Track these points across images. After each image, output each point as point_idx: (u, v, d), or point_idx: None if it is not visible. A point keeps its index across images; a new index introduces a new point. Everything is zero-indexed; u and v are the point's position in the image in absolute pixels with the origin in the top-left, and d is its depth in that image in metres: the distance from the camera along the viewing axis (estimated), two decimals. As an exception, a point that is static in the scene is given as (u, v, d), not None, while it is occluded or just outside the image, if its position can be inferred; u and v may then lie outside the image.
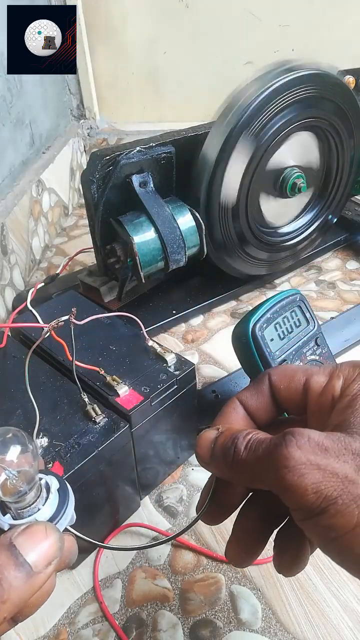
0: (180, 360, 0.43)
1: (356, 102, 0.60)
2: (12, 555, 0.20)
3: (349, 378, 0.24)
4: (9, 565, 0.20)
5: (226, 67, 0.95)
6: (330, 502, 0.19)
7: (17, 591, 0.20)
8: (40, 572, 0.20)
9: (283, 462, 0.20)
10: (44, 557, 0.21)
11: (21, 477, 0.22)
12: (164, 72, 1.00)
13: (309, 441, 0.20)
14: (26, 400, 0.37)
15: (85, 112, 1.05)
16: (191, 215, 0.56)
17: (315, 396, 0.25)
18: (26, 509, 0.23)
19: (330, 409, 0.24)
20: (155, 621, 0.37)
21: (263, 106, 0.52)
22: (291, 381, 0.26)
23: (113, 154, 0.53)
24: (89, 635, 0.37)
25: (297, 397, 0.26)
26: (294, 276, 0.75)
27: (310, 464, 0.20)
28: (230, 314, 0.68)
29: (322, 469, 0.19)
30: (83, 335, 0.45)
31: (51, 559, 0.21)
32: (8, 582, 0.19)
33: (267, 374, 0.27)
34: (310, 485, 0.19)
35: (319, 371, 0.25)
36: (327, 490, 0.19)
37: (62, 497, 0.24)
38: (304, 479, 0.19)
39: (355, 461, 0.20)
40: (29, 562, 0.20)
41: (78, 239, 0.89)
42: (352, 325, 0.61)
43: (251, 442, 0.22)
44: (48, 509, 0.23)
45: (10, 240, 0.70)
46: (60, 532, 0.22)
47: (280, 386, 0.26)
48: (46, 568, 0.21)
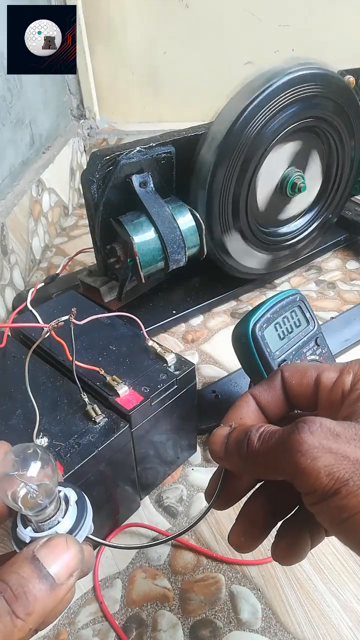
0: (180, 360, 0.43)
1: (356, 101, 0.60)
2: (35, 568, 0.21)
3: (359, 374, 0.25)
4: (33, 579, 0.20)
5: (226, 67, 0.95)
6: (342, 484, 0.20)
7: (42, 603, 0.20)
8: (62, 583, 0.21)
9: (296, 446, 0.21)
10: (66, 569, 0.21)
11: (41, 491, 0.22)
12: (164, 72, 1.00)
13: (320, 427, 0.21)
14: (26, 400, 0.37)
15: (85, 112, 1.05)
16: (191, 215, 0.56)
17: (326, 391, 0.25)
18: (46, 522, 0.23)
19: (340, 403, 0.25)
20: (155, 621, 0.37)
21: (264, 104, 0.52)
22: (303, 377, 0.26)
23: (113, 154, 0.53)
24: (89, 635, 0.37)
25: (309, 393, 0.26)
26: (294, 276, 0.74)
27: (322, 448, 0.20)
28: (230, 314, 0.68)
29: (334, 452, 0.20)
30: (83, 335, 0.45)
31: (73, 571, 0.21)
32: (33, 595, 0.20)
33: (279, 370, 0.28)
34: (323, 468, 0.20)
35: (330, 367, 0.26)
36: (339, 472, 0.20)
37: (80, 509, 0.25)
38: (317, 462, 0.20)
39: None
40: (52, 575, 0.21)
41: (78, 239, 0.89)
42: (352, 325, 0.61)
43: (264, 434, 0.23)
44: (68, 522, 0.24)
45: (10, 240, 0.70)
46: (80, 544, 0.22)
47: (292, 381, 0.27)
48: (68, 579, 0.21)
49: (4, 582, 0.20)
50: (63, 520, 0.24)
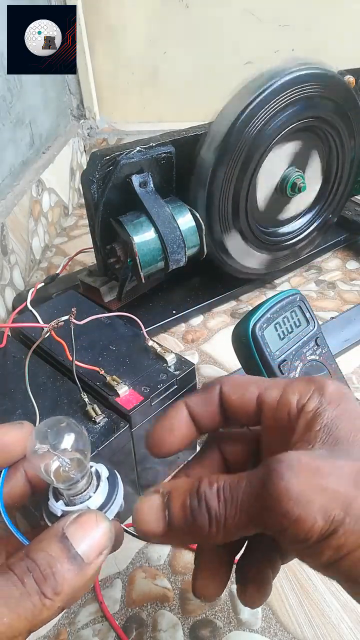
0: (180, 360, 0.43)
1: (356, 101, 0.60)
2: (64, 547, 0.20)
3: (304, 394, 0.23)
4: (62, 558, 0.20)
5: (226, 67, 0.95)
6: (339, 523, 0.18)
7: (70, 583, 0.20)
8: (91, 562, 0.20)
9: (284, 494, 0.18)
10: (95, 548, 0.21)
11: (74, 465, 0.22)
12: (164, 72, 1.00)
13: (301, 464, 0.19)
14: (26, 400, 0.37)
15: (85, 112, 1.05)
16: (191, 215, 0.56)
17: (270, 410, 0.24)
18: (78, 496, 0.23)
19: (287, 424, 0.23)
20: (155, 621, 0.37)
21: (264, 104, 0.52)
22: (244, 392, 0.25)
23: (113, 154, 0.53)
24: (89, 635, 0.37)
25: (250, 410, 0.25)
26: (294, 276, 0.74)
27: (314, 488, 0.18)
28: (230, 314, 0.68)
29: (326, 490, 0.19)
30: (83, 335, 0.45)
31: (102, 549, 0.21)
32: (61, 575, 0.20)
33: (218, 383, 0.26)
34: (318, 512, 0.18)
35: (273, 384, 0.25)
36: (335, 511, 0.18)
37: (111, 486, 0.24)
38: (311, 506, 0.18)
39: (350, 477, 0.19)
40: (80, 554, 0.20)
41: (78, 239, 0.89)
42: (352, 325, 0.61)
43: (222, 491, 0.20)
44: (99, 497, 0.24)
45: (10, 240, 0.70)
46: (110, 521, 0.22)
47: (232, 397, 0.25)
48: (97, 558, 0.21)
49: (33, 560, 0.20)
50: (94, 495, 0.23)
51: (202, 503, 0.20)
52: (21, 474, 0.25)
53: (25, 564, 0.20)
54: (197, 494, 0.20)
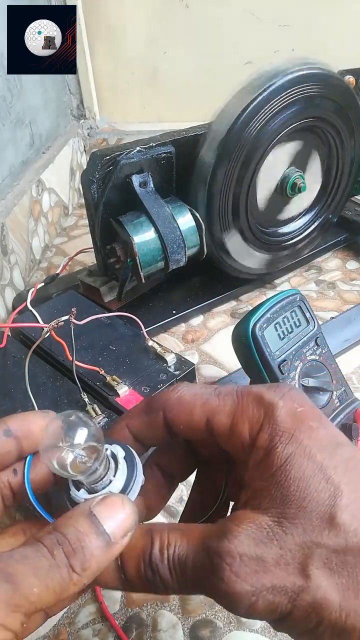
0: (180, 360, 0.43)
1: (356, 101, 0.60)
2: (92, 524, 0.20)
3: (255, 422, 0.22)
4: (91, 534, 0.20)
5: (226, 67, 0.95)
6: (285, 615, 0.19)
7: (97, 560, 0.20)
8: (116, 542, 0.20)
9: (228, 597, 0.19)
10: (122, 528, 0.20)
11: (89, 455, 0.22)
12: (164, 72, 1.00)
13: (242, 562, 0.19)
14: (26, 400, 0.37)
15: (85, 112, 1.05)
16: (191, 215, 0.56)
17: (222, 439, 0.23)
18: (99, 483, 0.23)
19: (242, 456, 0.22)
20: (155, 621, 0.37)
21: (264, 104, 0.52)
22: (191, 420, 0.23)
23: (113, 154, 0.53)
24: (89, 635, 0.37)
25: (201, 435, 0.24)
26: (294, 276, 0.74)
27: (256, 590, 0.19)
28: (230, 314, 0.68)
29: (270, 588, 0.19)
30: (83, 335, 0.45)
31: (127, 531, 0.21)
32: (90, 550, 0.19)
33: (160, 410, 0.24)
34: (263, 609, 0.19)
35: (220, 408, 0.23)
36: (281, 606, 0.19)
37: (130, 465, 0.24)
38: (256, 606, 0.19)
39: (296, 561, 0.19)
40: (108, 533, 0.20)
41: (78, 239, 0.89)
42: (352, 325, 0.61)
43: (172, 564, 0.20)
44: (120, 480, 0.23)
45: (10, 240, 0.70)
46: (134, 505, 0.22)
47: (179, 426, 0.24)
48: (122, 539, 0.20)
49: (63, 534, 0.19)
50: (115, 479, 0.23)
51: (155, 573, 0.20)
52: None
53: (55, 537, 0.19)
54: (150, 564, 0.21)
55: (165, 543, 0.21)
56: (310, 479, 0.20)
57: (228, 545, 0.19)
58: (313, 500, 0.19)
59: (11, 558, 0.18)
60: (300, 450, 0.20)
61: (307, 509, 0.19)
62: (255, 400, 0.22)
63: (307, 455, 0.20)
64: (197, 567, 0.20)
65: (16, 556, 0.18)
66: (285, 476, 0.20)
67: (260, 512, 0.20)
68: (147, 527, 0.22)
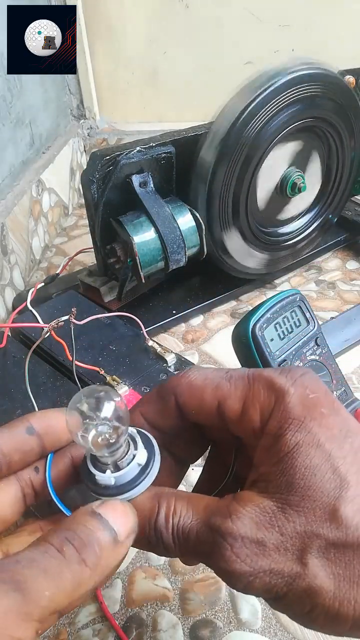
0: (180, 360, 0.43)
1: (356, 101, 0.60)
2: (99, 521, 0.20)
3: (266, 407, 0.22)
4: (99, 530, 0.20)
5: (226, 67, 0.95)
6: (281, 596, 0.19)
7: (107, 555, 0.19)
8: (123, 541, 0.20)
9: (227, 574, 0.20)
10: (126, 528, 0.20)
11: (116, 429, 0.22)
12: (164, 72, 1.00)
13: (244, 543, 0.19)
14: (26, 400, 0.37)
15: (85, 112, 1.05)
16: (191, 215, 0.56)
17: (233, 424, 0.23)
18: (124, 459, 0.23)
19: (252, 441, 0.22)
20: (155, 621, 0.37)
21: (264, 104, 0.52)
22: (202, 405, 0.23)
23: (113, 154, 0.53)
24: (89, 635, 0.37)
25: (213, 419, 0.24)
26: (294, 276, 0.74)
27: (254, 571, 0.19)
28: (230, 314, 0.68)
29: (268, 571, 0.19)
30: (83, 335, 0.45)
31: (130, 532, 0.21)
32: (100, 545, 0.19)
33: (172, 394, 0.24)
34: (260, 588, 0.19)
35: (231, 393, 0.23)
36: (276, 587, 0.19)
37: (147, 443, 0.24)
38: (253, 584, 0.19)
39: (295, 548, 0.19)
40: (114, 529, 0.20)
41: (78, 239, 0.89)
42: (352, 325, 0.61)
43: (177, 534, 0.21)
44: (143, 452, 0.23)
45: (10, 240, 0.70)
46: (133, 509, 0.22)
47: (190, 409, 0.24)
48: (127, 539, 0.20)
49: (72, 531, 0.19)
50: (137, 452, 0.23)
51: (158, 537, 0.21)
52: (68, 459, 0.25)
53: (63, 535, 0.19)
54: (155, 530, 0.21)
55: (171, 510, 0.21)
56: (316, 468, 0.20)
57: (231, 526, 0.20)
58: (318, 490, 0.19)
59: (18, 564, 0.18)
60: (309, 438, 0.20)
61: (311, 498, 0.19)
62: (267, 385, 0.22)
63: (316, 443, 0.20)
64: (200, 541, 0.20)
65: (23, 561, 0.18)
66: (291, 463, 0.20)
67: (266, 496, 0.20)
68: (155, 490, 0.22)
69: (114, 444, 0.22)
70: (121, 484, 0.22)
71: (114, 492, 0.22)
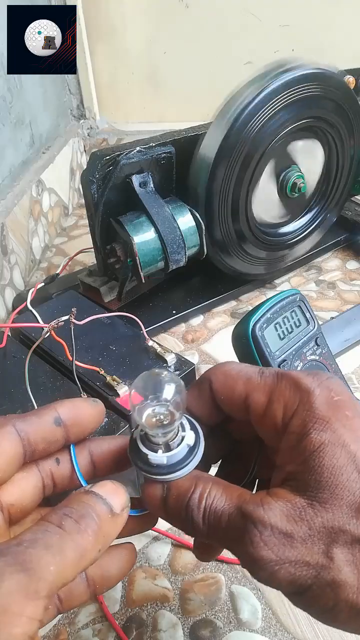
0: (180, 360, 0.43)
1: (356, 101, 0.60)
2: (94, 496, 0.21)
3: (290, 405, 0.22)
4: (96, 504, 0.21)
5: (226, 67, 0.95)
6: (305, 589, 0.20)
7: (105, 524, 0.20)
8: (119, 513, 0.21)
9: (252, 560, 0.20)
10: (120, 502, 0.22)
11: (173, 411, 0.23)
12: (164, 72, 1.00)
13: (273, 533, 0.20)
14: (26, 400, 0.37)
15: (85, 112, 1.05)
16: (191, 215, 0.56)
17: (257, 417, 0.24)
18: (175, 440, 0.24)
19: (274, 436, 0.23)
20: (155, 621, 0.37)
21: (263, 104, 0.52)
22: (232, 392, 0.24)
23: (113, 154, 0.53)
24: (89, 635, 0.37)
25: (240, 410, 0.24)
26: (294, 276, 0.74)
27: (280, 560, 0.20)
28: (230, 314, 0.68)
29: (294, 562, 0.20)
30: (83, 335, 0.45)
31: (124, 506, 0.22)
32: (98, 514, 0.20)
33: (208, 381, 0.25)
34: (283, 579, 0.20)
35: (259, 386, 0.24)
36: (301, 579, 0.20)
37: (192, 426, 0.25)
38: (277, 574, 0.20)
39: (322, 542, 0.20)
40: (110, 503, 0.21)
41: (78, 239, 0.89)
42: (352, 325, 0.61)
43: (208, 515, 0.22)
44: (191, 433, 0.24)
45: (10, 240, 0.70)
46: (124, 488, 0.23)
47: (221, 396, 0.25)
48: (122, 512, 0.22)
49: (69, 507, 0.20)
50: (186, 433, 0.24)
51: (188, 514, 0.22)
52: (87, 453, 0.26)
53: (62, 512, 0.20)
54: (187, 507, 0.22)
55: (206, 492, 0.22)
56: (343, 468, 0.20)
57: (263, 514, 0.20)
58: (345, 489, 0.20)
59: (20, 545, 0.18)
60: (335, 439, 0.21)
61: (339, 496, 0.20)
62: (293, 384, 0.23)
63: (341, 444, 0.21)
64: (230, 525, 0.21)
65: (25, 542, 0.19)
66: (318, 463, 0.21)
67: (296, 493, 0.21)
68: (195, 473, 0.23)
69: (168, 424, 0.23)
70: (172, 464, 0.23)
71: (164, 471, 0.23)
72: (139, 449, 0.24)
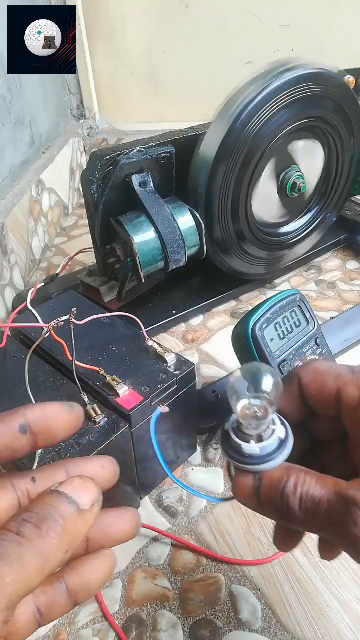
0: (180, 360, 0.43)
1: (356, 101, 0.60)
2: (59, 496, 0.21)
3: None
4: (60, 504, 0.20)
5: (226, 67, 0.95)
6: None
7: (71, 522, 0.20)
8: (88, 509, 0.21)
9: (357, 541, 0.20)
10: (89, 497, 0.21)
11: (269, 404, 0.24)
12: (164, 72, 1.00)
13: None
14: (26, 400, 0.37)
15: (85, 112, 1.05)
16: (191, 215, 0.56)
17: (349, 411, 0.24)
18: (267, 432, 0.24)
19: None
20: (155, 621, 0.37)
21: (264, 104, 0.52)
22: (323, 387, 0.25)
23: (113, 154, 0.53)
24: (89, 635, 0.37)
25: (330, 405, 0.25)
26: (294, 276, 0.75)
27: None
28: (230, 314, 0.68)
29: None
30: (83, 335, 0.44)
31: (94, 500, 0.21)
32: (61, 515, 0.20)
33: (297, 376, 0.26)
34: None
35: (351, 381, 0.25)
36: None
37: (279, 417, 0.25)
38: None
39: None
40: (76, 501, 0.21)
41: (78, 239, 0.89)
42: (352, 325, 0.61)
43: (305, 501, 0.22)
44: (281, 427, 0.25)
45: (10, 240, 0.70)
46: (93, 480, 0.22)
47: (311, 391, 0.26)
48: (92, 507, 0.21)
49: (29, 512, 0.20)
50: (276, 427, 0.25)
51: (284, 504, 0.22)
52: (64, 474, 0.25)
53: (21, 518, 0.19)
54: (283, 495, 0.22)
55: (300, 480, 0.22)
56: None
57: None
58: None
59: None
60: None
61: None
62: None
63: None
64: (332, 510, 0.21)
65: None
66: None
67: None
68: (285, 465, 0.24)
69: (262, 417, 0.24)
70: (264, 454, 0.24)
71: (257, 461, 0.24)
72: (232, 439, 0.24)
